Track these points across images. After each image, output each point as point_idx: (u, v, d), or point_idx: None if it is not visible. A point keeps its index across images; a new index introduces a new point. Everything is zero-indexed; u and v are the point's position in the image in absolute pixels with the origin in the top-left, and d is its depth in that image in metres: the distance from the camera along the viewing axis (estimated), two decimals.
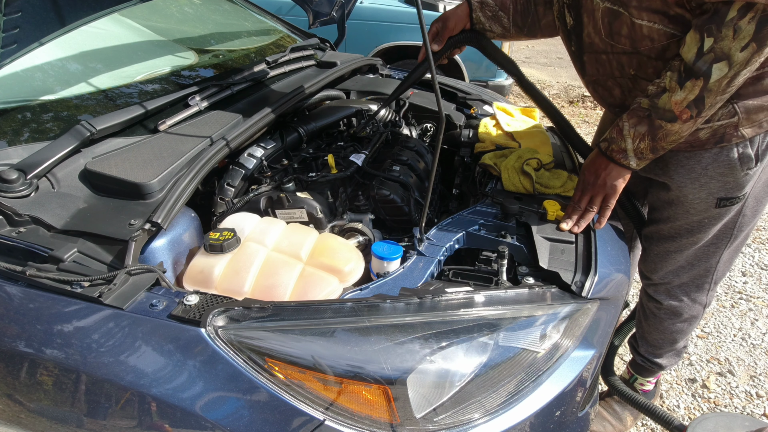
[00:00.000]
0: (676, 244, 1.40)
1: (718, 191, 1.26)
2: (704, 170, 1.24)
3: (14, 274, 0.93)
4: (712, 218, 1.31)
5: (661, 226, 1.41)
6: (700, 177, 1.25)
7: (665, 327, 1.56)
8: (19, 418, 0.96)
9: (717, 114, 1.17)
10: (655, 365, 1.66)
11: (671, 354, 1.64)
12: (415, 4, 1.27)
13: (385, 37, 4.13)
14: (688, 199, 1.30)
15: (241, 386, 0.84)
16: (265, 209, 1.35)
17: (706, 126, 1.18)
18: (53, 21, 1.29)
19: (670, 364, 1.66)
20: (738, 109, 1.16)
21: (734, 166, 1.21)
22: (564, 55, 7.94)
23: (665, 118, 1.10)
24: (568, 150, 1.73)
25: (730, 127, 1.18)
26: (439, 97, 0.99)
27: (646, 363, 1.67)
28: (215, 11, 2.43)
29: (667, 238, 1.42)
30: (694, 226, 1.34)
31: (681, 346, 1.62)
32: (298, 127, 1.58)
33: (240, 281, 1.05)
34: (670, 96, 1.08)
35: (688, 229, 1.36)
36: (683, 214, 1.34)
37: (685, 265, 1.43)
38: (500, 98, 2.26)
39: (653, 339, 1.62)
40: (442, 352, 0.90)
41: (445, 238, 1.20)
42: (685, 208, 1.32)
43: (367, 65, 2.18)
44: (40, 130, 1.28)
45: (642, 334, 1.66)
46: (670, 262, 1.44)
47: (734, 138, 1.18)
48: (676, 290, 1.48)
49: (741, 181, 1.24)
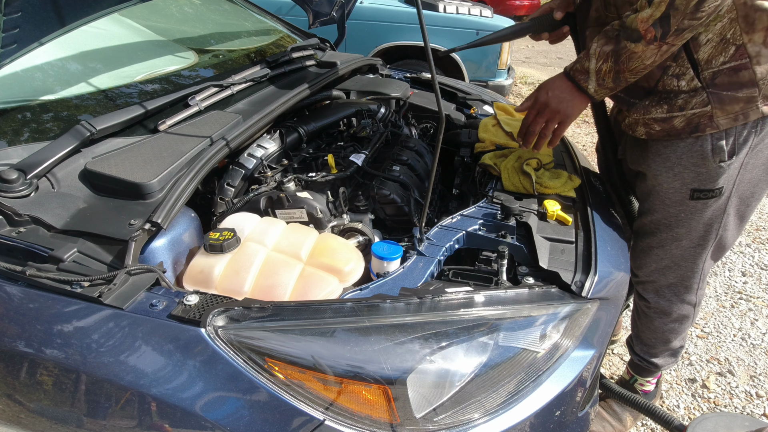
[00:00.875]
0: (657, 239, 1.41)
1: (692, 182, 1.27)
2: (678, 159, 1.26)
3: (14, 274, 0.93)
4: (689, 212, 1.32)
5: (643, 219, 1.43)
6: (674, 166, 1.27)
7: (656, 326, 1.57)
8: (19, 418, 0.96)
9: (691, 102, 1.19)
10: (651, 365, 1.67)
11: (666, 354, 1.64)
12: (415, 4, 1.27)
13: (385, 37, 4.13)
14: (663, 188, 1.32)
15: (241, 386, 0.84)
16: (265, 209, 1.35)
17: (680, 114, 1.20)
18: (53, 21, 1.29)
19: (666, 363, 1.67)
20: (711, 99, 1.17)
21: (707, 156, 1.23)
22: (564, 55, 7.94)
23: (631, 38, 1.11)
24: (568, 150, 1.73)
25: (704, 117, 1.19)
26: (439, 97, 0.99)
27: (643, 363, 1.68)
28: (215, 11, 2.43)
29: (648, 233, 1.43)
30: (671, 220, 1.35)
31: (676, 346, 1.62)
32: (298, 127, 1.58)
33: (240, 281, 1.05)
34: (637, 15, 1.09)
35: (666, 224, 1.37)
36: (660, 205, 1.35)
37: (671, 264, 1.44)
38: (500, 98, 2.26)
39: (646, 338, 1.62)
40: (442, 352, 0.90)
41: (445, 238, 1.20)
42: (661, 198, 1.34)
43: (367, 65, 2.18)
44: (40, 130, 1.28)
45: (636, 333, 1.66)
46: (654, 259, 1.45)
47: (708, 128, 1.20)
48: (664, 290, 1.49)
49: (714, 173, 1.25)
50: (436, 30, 4.08)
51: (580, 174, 1.54)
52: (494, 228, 1.24)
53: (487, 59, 4.16)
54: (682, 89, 1.20)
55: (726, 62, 1.15)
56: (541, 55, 8.03)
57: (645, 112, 1.27)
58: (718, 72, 1.16)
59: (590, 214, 1.32)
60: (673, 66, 1.19)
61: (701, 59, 1.16)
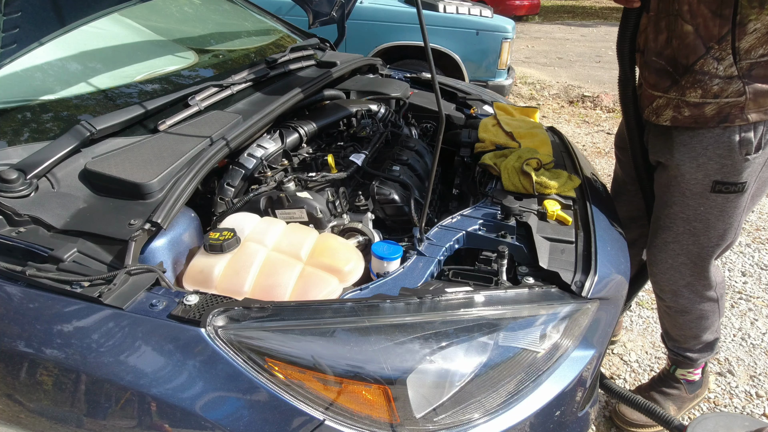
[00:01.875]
0: (673, 233, 1.40)
1: (715, 173, 1.26)
2: (704, 150, 1.26)
3: (14, 274, 0.93)
4: (709, 206, 1.31)
5: (659, 213, 1.42)
6: (699, 156, 1.27)
7: (681, 324, 1.55)
8: (19, 418, 0.96)
9: (726, 90, 1.19)
10: (686, 359, 1.64)
11: (699, 347, 1.61)
12: (415, 4, 1.27)
13: (385, 37, 4.13)
14: (684, 179, 1.31)
15: (241, 386, 0.84)
16: (265, 209, 1.35)
17: (713, 101, 1.20)
18: (53, 21, 1.29)
19: (702, 356, 1.63)
20: (747, 90, 1.17)
21: (733, 148, 1.22)
22: (564, 55, 7.94)
23: None
24: (568, 150, 1.73)
25: (736, 108, 1.19)
26: (439, 97, 0.99)
27: (678, 357, 1.66)
28: (215, 11, 2.43)
29: (664, 227, 1.41)
30: (690, 213, 1.34)
31: (710, 339, 1.58)
32: (298, 127, 1.58)
33: (240, 281, 1.05)
34: None
35: (683, 217, 1.36)
36: (679, 197, 1.34)
37: (686, 261, 1.42)
38: (500, 98, 2.26)
39: (675, 335, 1.61)
40: (442, 352, 0.90)
41: (445, 238, 1.20)
42: (681, 189, 1.33)
43: (367, 65, 2.18)
44: (40, 130, 1.28)
45: (665, 329, 1.65)
46: (669, 254, 1.43)
47: (738, 119, 1.20)
48: (681, 289, 1.47)
49: (739, 166, 1.24)
50: (436, 30, 4.08)
51: (580, 174, 1.54)
52: (494, 228, 1.24)
53: (487, 59, 4.17)
54: (718, 74, 1.20)
55: (765, 54, 1.15)
56: (541, 55, 8.03)
57: (681, 93, 1.26)
58: (755, 63, 1.16)
59: (590, 214, 1.32)
60: (715, 48, 1.19)
61: (741, 48, 1.16)
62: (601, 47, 8.70)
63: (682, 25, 1.21)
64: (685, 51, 1.23)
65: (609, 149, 4.34)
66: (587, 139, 4.62)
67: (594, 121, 5.06)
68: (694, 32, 1.20)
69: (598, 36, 9.92)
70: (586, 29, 10.75)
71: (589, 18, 12.53)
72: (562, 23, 11.64)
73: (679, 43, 1.24)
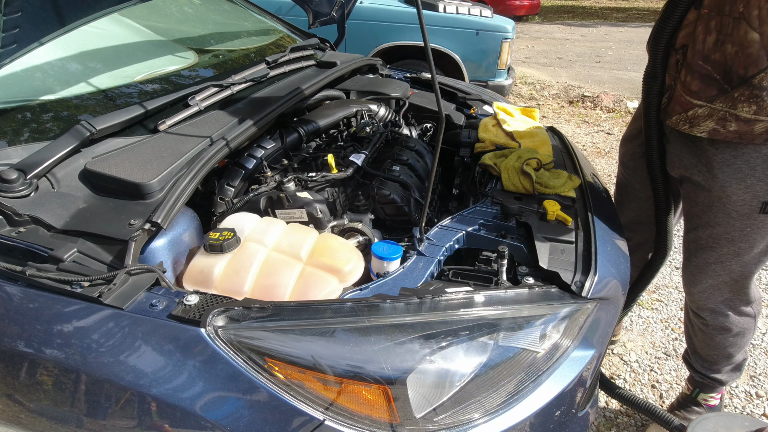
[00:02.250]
0: (716, 254, 1.33)
1: (765, 194, 1.20)
2: (752, 170, 1.19)
3: (14, 274, 0.93)
4: (756, 227, 1.24)
5: (700, 233, 1.33)
6: (747, 177, 1.20)
7: (717, 342, 1.48)
8: (19, 418, 0.96)
9: None
10: (714, 381, 1.57)
11: (729, 368, 1.55)
12: (415, 4, 1.27)
13: (385, 37, 4.13)
14: (731, 201, 1.23)
15: (241, 386, 0.84)
16: (265, 209, 1.35)
17: (764, 119, 1.12)
18: (53, 21, 1.29)
19: (730, 379, 1.57)
20: None
21: None
22: (564, 55, 7.95)
23: None
24: (568, 150, 1.73)
25: None
26: (439, 97, 0.99)
27: (705, 379, 1.58)
28: (215, 11, 2.43)
29: (706, 248, 1.34)
30: (735, 234, 1.27)
31: (740, 360, 1.53)
32: (298, 127, 1.58)
33: (240, 281, 1.05)
34: None
35: (728, 239, 1.28)
36: (724, 219, 1.26)
37: (728, 281, 1.36)
38: (500, 98, 2.26)
39: (706, 355, 1.54)
40: (442, 352, 0.90)
41: (445, 238, 1.20)
42: (727, 211, 1.25)
43: (367, 65, 2.18)
44: (40, 130, 1.28)
45: (694, 350, 1.57)
46: (711, 275, 1.37)
47: None
48: (721, 306, 1.42)
49: None
50: (436, 30, 4.08)
51: (580, 174, 1.54)
52: (494, 228, 1.24)
53: (487, 59, 4.17)
54: None
55: None
56: (541, 55, 8.03)
57: (731, 105, 1.15)
58: None
59: (590, 214, 1.32)
60: None
61: None
62: (601, 47, 8.71)
63: (747, 32, 1.08)
64: (745, 61, 1.10)
65: (609, 149, 4.34)
66: (587, 139, 4.62)
67: (594, 121, 5.06)
68: (759, 42, 1.07)
69: (598, 36, 9.92)
70: (586, 29, 10.76)
71: (589, 18, 12.54)
72: (562, 23, 11.64)
73: (737, 50, 1.11)
